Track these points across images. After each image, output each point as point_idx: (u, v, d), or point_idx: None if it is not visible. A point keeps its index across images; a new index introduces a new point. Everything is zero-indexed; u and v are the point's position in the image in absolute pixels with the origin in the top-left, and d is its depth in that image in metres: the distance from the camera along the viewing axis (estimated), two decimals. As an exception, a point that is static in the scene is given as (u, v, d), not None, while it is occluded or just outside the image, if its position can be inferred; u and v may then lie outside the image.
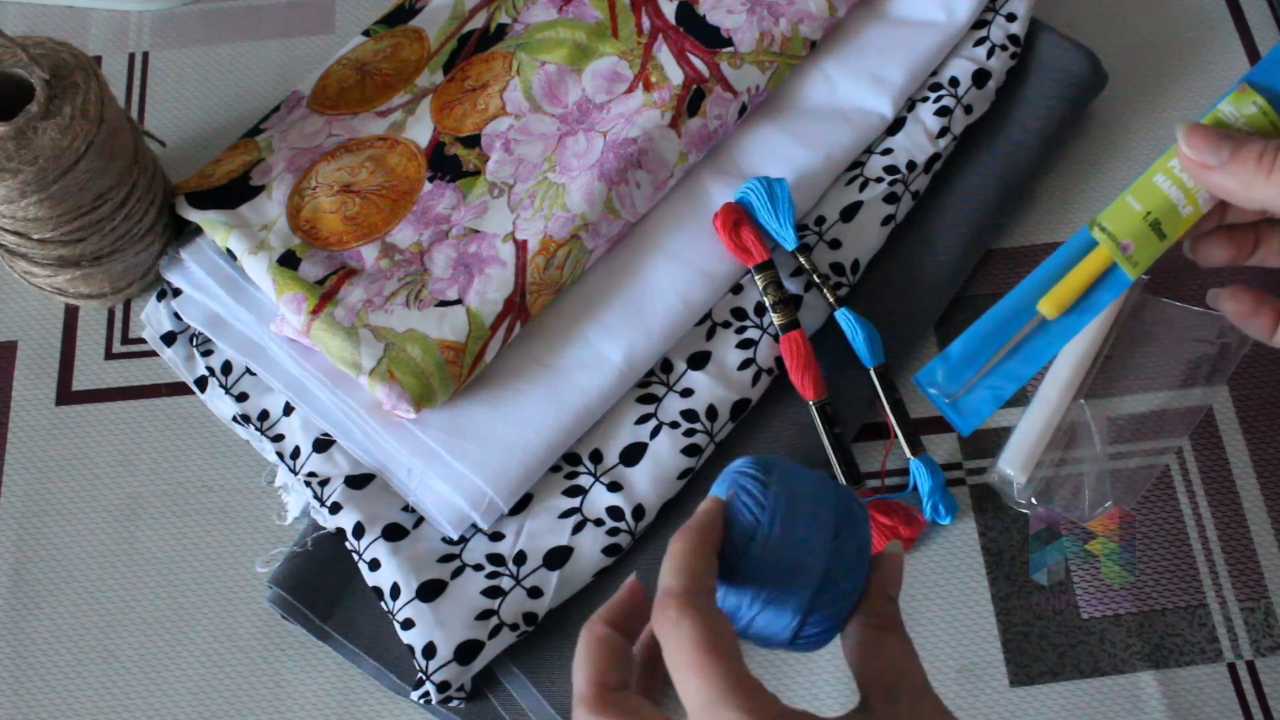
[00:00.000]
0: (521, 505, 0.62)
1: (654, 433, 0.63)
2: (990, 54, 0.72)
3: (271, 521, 0.64)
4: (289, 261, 0.64)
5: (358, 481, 0.62)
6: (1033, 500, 0.64)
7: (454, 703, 0.59)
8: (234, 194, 0.66)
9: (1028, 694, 0.61)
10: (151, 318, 0.68)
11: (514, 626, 0.59)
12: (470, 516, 0.61)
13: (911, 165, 0.69)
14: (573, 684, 0.40)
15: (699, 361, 0.64)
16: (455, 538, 0.61)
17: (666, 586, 0.39)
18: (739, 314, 0.66)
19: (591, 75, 0.70)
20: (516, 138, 0.68)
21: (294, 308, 0.62)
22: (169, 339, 0.67)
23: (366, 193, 0.67)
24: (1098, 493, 0.64)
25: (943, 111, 0.70)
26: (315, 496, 0.61)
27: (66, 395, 0.68)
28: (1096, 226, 0.49)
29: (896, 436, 0.65)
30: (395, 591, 0.59)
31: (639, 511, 0.61)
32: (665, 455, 0.62)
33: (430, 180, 0.67)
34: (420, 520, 0.61)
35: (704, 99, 0.68)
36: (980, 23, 0.73)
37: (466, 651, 0.57)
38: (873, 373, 0.65)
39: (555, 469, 0.63)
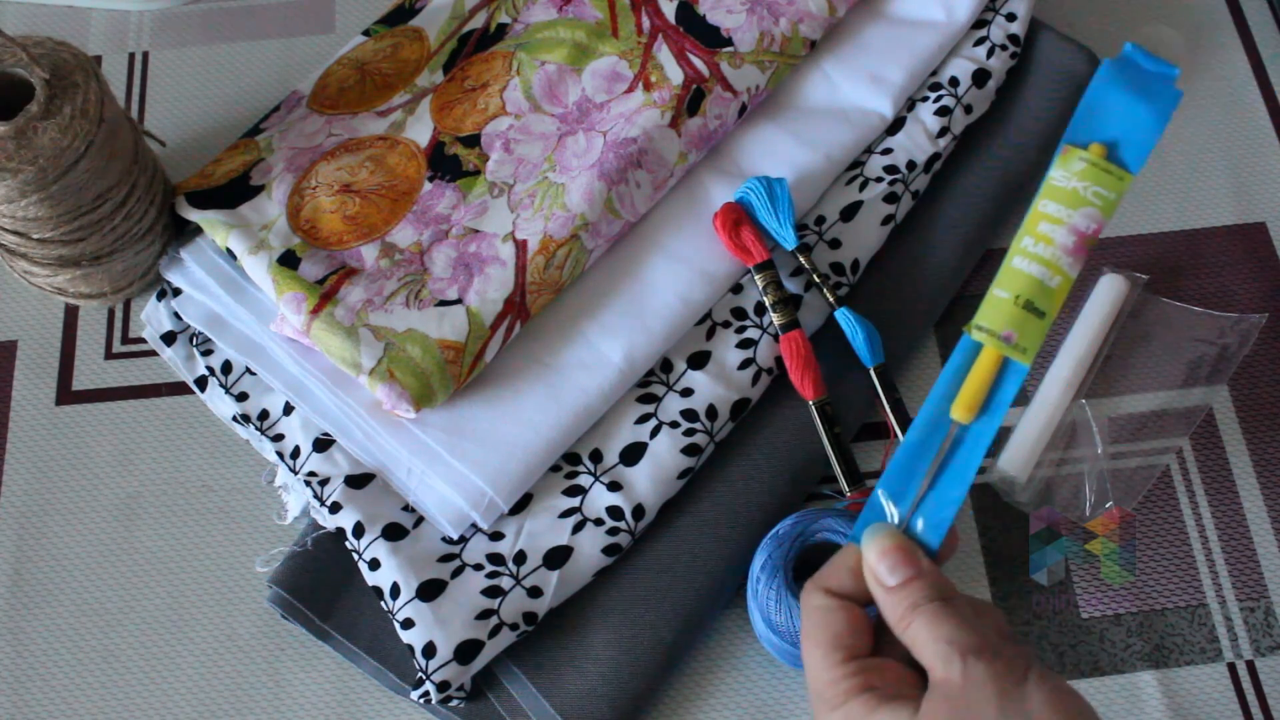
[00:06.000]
0: (521, 505, 0.62)
1: (654, 432, 0.63)
2: (990, 54, 0.72)
3: (271, 521, 0.64)
4: (289, 261, 0.64)
5: (358, 481, 0.62)
6: (1033, 500, 0.64)
7: (454, 702, 0.59)
8: (234, 194, 0.66)
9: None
10: (151, 317, 0.68)
11: (514, 626, 0.58)
12: (470, 516, 0.61)
13: (911, 165, 0.69)
14: (810, 666, 0.44)
15: (699, 361, 0.64)
16: (455, 537, 0.61)
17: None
18: (739, 314, 0.66)
19: (591, 75, 0.70)
20: (516, 137, 0.68)
21: (294, 307, 0.62)
22: (169, 339, 0.67)
23: (366, 192, 0.67)
24: (1098, 493, 0.64)
25: (943, 111, 0.70)
26: (315, 496, 0.61)
27: (66, 395, 0.68)
28: (974, 329, 0.48)
29: (896, 436, 0.64)
30: (395, 591, 0.59)
31: (639, 511, 0.61)
32: (665, 455, 0.62)
33: (430, 180, 0.67)
34: (420, 520, 0.61)
35: (704, 99, 0.68)
36: (980, 22, 0.73)
37: (466, 651, 0.57)
38: (873, 373, 0.65)
39: (555, 469, 0.62)
